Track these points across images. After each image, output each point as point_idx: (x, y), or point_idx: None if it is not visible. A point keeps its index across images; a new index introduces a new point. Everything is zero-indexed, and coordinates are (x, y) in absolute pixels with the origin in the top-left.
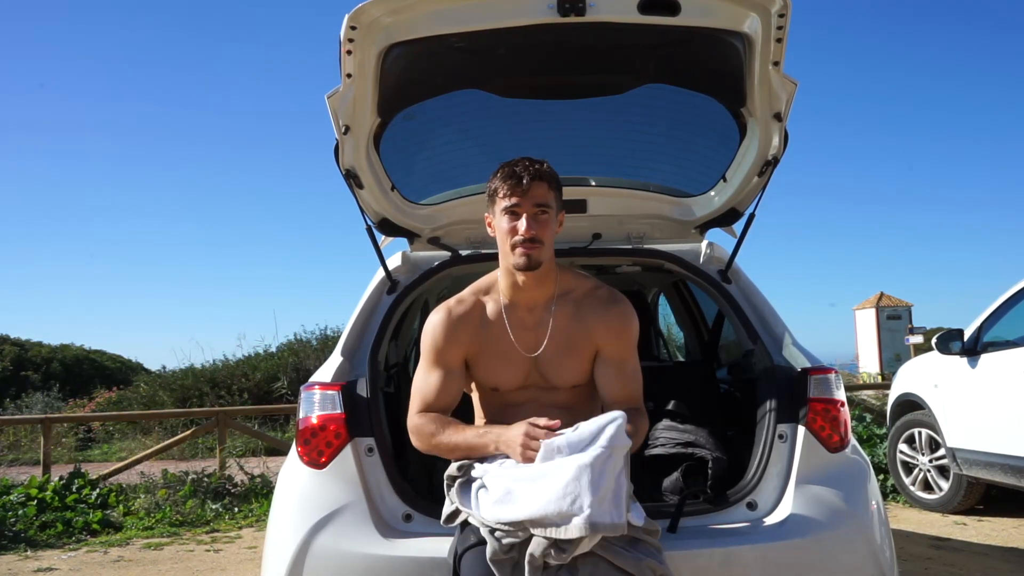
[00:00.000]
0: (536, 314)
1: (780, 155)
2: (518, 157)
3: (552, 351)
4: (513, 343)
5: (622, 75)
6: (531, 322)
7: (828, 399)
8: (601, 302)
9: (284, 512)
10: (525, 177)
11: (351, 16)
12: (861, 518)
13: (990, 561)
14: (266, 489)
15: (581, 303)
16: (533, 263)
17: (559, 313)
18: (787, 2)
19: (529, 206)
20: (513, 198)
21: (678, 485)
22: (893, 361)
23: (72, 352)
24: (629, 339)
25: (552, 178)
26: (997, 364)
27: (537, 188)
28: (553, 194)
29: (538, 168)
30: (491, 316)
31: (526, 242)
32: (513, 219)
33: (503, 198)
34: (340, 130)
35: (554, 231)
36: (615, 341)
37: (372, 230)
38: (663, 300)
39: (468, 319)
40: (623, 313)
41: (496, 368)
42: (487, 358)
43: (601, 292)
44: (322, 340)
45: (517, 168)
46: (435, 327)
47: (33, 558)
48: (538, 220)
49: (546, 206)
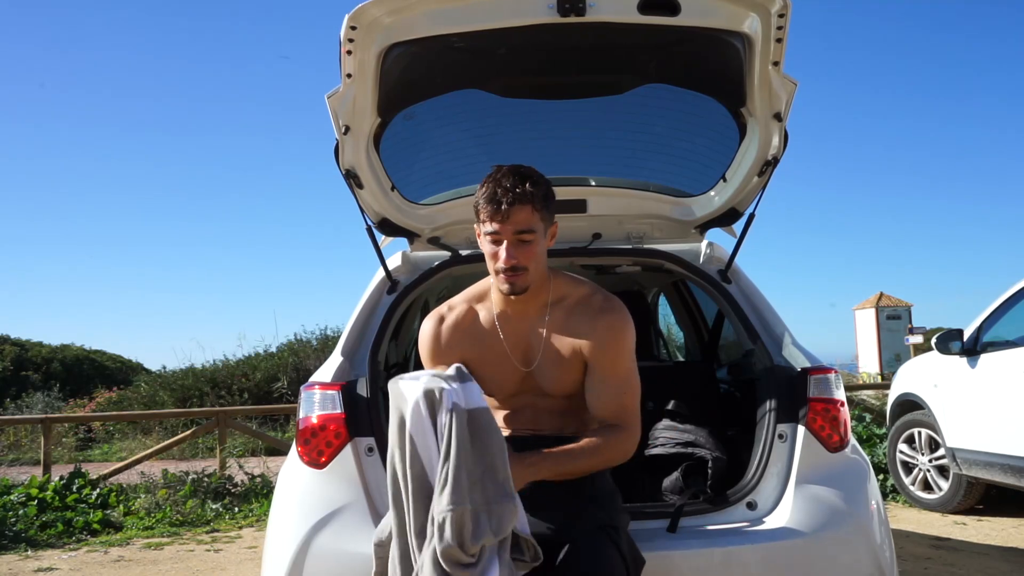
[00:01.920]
0: (529, 323)
1: (780, 155)
2: (507, 168)
3: (546, 362)
4: (507, 354)
5: (622, 75)
6: (524, 331)
7: (828, 399)
8: (592, 311)
9: (284, 512)
10: (504, 202)
11: (351, 16)
12: (861, 518)
13: (990, 561)
14: (266, 489)
15: (573, 311)
16: (517, 290)
17: (552, 323)
18: (787, 2)
19: (509, 233)
20: (493, 224)
21: (678, 485)
22: (893, 361)
23: (72, 352)
24: (617, 351)
25: (536, 197)
26: (997, 364)
27: (518, 213)
28: (538, 215)
29: (519, 192)
30: (484, 325)
31: (507, 271)
32: (495, 245)
33: (483, 222)
34: (340, 130)
35: (542, 250)
36: (602, 353)
37: (372, 230)
38: (663, 300)
39: (459, 327)
40: (613, 324)
41: (490, 376)
42: (481, 366)
43: (595, 300)
44: (322, 340)
45: (498, 191)
46: (427, 335)
47: (34, 558)
48: (520, 248)
49: (529, 231)
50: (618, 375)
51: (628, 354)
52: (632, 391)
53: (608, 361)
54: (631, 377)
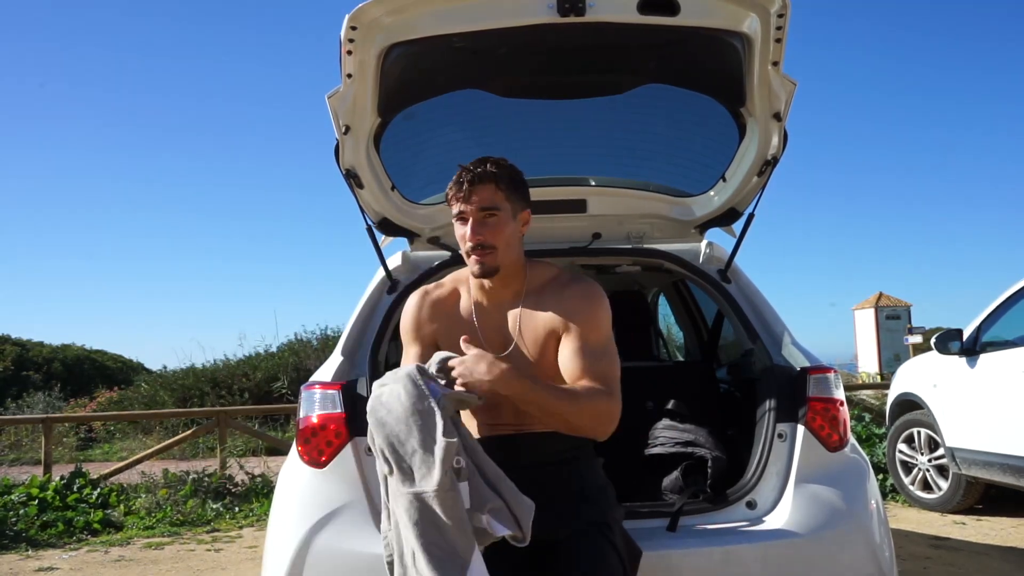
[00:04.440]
0: (503, 311)
1: (779, 155)
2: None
3: (523, 350)
4: (482, 342)
5: (622, 75)
6: (499, 320)
7: (827, 398)
8: (560, 286)
9: (284, 511)
10: (465, 182)
11: (351, 16)
12: (860, 517)
13: (989, 561)
14: (266, 489)
15: (543, 292)
16: (487, 270)
17: (524, 309)
18: (786, 2)
19: (474, 211)
20: (458, 204)
21: (678, 484)
22: (892, 361)
23: (73, 352)
24: (588, 318)
25: (499, 177)
26: (996, 364)
27: (481, 191)
28: (503, 194)
29: (480, 171)
30: (463, 310)
31: (475, 248)
32: (463, 225)
33: (451, 204)
34: (340, 130)
35: (512, 232)
36: (573, 323)
37: (372, 230)
38: (663, 300)
39: (441, 304)
40: (582, 292)
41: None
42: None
43: (563, 277)
44: (322, 340)
45: (464, 172)
46: (410, 307)
47: (34, 557)
48: (485, 224)
49: (492, 209)
50: (592, 343)
51: (602, 325)
52: (610, 359)
53: (581, 329)
54: (608, 346)
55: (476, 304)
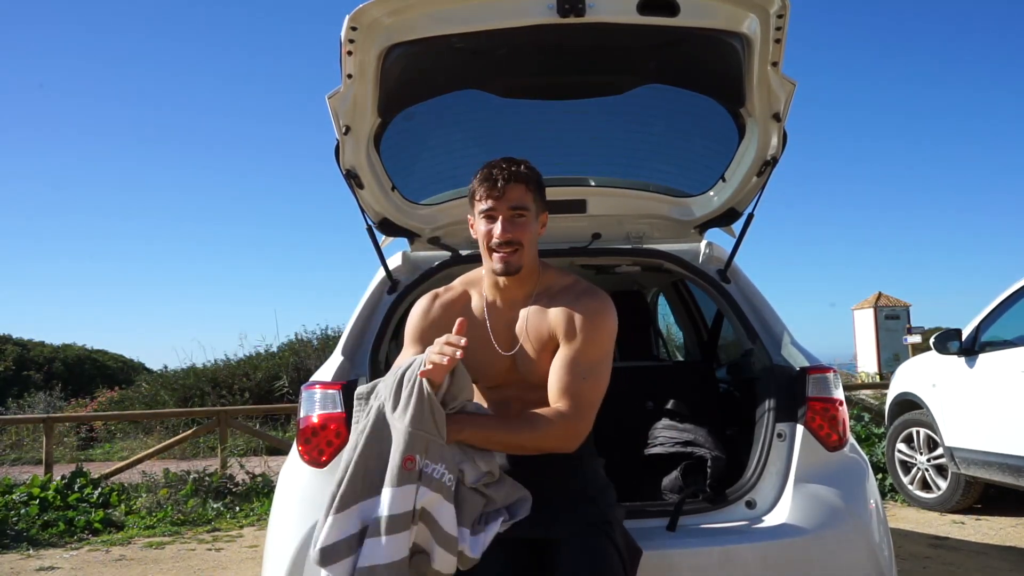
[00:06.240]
0: (515, 311)
1: (779, 155)
2: (499, 158)
3: (527, 349)
4: (491, 339)
5: (621, 75)
6: (510, 320)
7: (827, 398)
8: (573, 295)
9: (285, 511)
10: (500, 179)
11: (351, 17)
12: (860, 517)
13: (988, 560)
14: (267, 488)
15: (556, 296)
16: (511, 268)
17: (533, 310)
18: (786, 3)
19: (505, 209)
20: (489, 201)
21: (677, 484)
22: (891, 361)
23: (74, 352)
24: (590, 335)
25: (530, 179)
26: (995, 364)
27: (513, 191)
28: (531, 195)
29: (514, 170)
30: (475, 310)
31: (502, 245)
32: (489, 223)
33: (479, 201)
34: (341, 130)
35: (535, 232)
36: (573, 334)
37: (372, 230)
38: (662, 300)
39: (451, 306)
40: (593, 307)
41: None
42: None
43: (579, 286)
44: (323, 340)
45: (494, 171)
46: (418, 310)
47: (35, 557)
48: (514, 223)
49: (523, 209)
50: (584, 361)
51: (602, 344)
52: (595, 382)
53: (580, 343)
54: (599, 367)
55: (488, 303)
